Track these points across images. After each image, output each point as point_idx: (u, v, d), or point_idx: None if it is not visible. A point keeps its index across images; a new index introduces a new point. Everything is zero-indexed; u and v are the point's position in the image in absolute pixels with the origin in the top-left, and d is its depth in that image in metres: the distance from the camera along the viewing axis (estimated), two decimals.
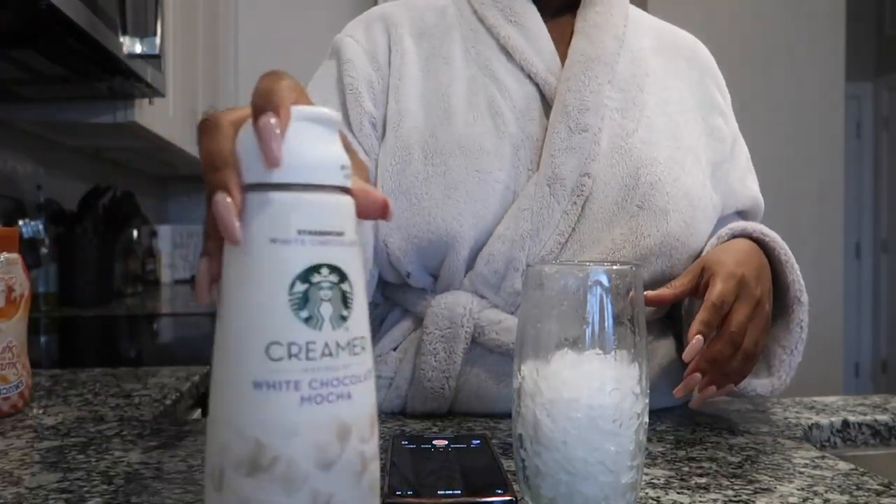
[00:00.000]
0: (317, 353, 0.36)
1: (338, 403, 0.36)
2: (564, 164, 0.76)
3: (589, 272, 0.46)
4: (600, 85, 0.79)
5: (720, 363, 0.68)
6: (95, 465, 0.62)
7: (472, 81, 0.81)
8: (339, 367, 0.37)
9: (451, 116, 0.78)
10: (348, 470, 0.37)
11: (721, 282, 0.69)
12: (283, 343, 0.36)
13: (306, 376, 0.36)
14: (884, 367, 5.23)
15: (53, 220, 2.10)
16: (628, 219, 0.77)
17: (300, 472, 0.35)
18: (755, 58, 3.49)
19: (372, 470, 0.39)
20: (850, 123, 5.03)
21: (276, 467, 0.35)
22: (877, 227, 5.31)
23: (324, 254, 0.37)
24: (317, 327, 0.36)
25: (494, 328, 0.75)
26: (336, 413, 0.36)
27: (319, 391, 0.36)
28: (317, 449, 0.36)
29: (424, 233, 0.76)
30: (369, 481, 0.38)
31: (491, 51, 0.82)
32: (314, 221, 0.36)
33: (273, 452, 0.35)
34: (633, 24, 0.87)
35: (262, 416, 0.35)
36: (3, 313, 0.80)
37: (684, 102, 0.85)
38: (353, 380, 0.37)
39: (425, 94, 0.80)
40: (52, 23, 1.26)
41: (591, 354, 0.46)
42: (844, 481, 0.58)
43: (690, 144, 0.83)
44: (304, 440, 0.35)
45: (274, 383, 0.35)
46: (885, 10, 5.21)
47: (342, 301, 0.37)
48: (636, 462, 0.47)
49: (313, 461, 0.36)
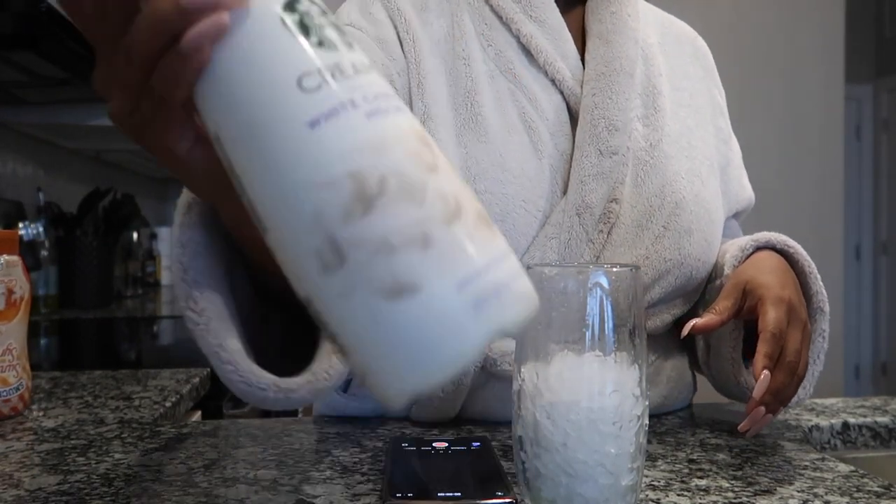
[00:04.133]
0: (349, 71, 0.32)
1: (398, 114, 0.33)
2: (595, 190, 0.72)
3: (589, 274, 0.46)
4: (627, 100, 0.74)
5: (781, 392, 0.66)
6: (95, 467, 0.62)
7: (496, 86, 0.74)
8: (376, 83, 0.33)
9: (486, 131, 0.72)
10: (448, 172, 0.32)
11: (773, 309, 0.66)
12: (311, 71, 0.31)
13: (356, 93, 0.32)
14: (884, 369, 5.23)
15: (53, 223, 2.10)
16: (653, 240, 0.73)
17: (415, 178, 0.31)
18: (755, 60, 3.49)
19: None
20: (850, 126, 5.03)
21: (389, 185, 0.30)
22: (877, 228, 5.31)
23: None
24: (332, 48, 0.32)
25: (507, 359, 0.71)
26: (405, 121, 0.32)
27: (376, 104, 0.32)
28: (413, 156, 0.31)
29: None
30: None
31: (512, 50, 0.75)
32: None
33: (376, 173, 0.30)
34: (642, 18, 0.82)
35: (340, 147, 0.31)
36: (3, 315, 0.80)
37: (694, 103, 0.82)
38: (393, 96, 0.33)
39: (451, 98, 0.73)
40: (52, 25, 1.26)
41: (591, 356, 0.46)
42: (844, 483, 0.58)
43: (704, 150, 0.80)
44: (394, 151, 0.31)
45: (329, 111, 0.31)
46: (885, 12, 5.22)
47: (336, 28, 0.34)
48: (636, 464, 0.47)
49: (418, 166, 0.31)
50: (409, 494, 0.49)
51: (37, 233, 1.96)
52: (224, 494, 0.55)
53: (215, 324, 0.45)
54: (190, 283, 0.46)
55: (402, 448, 0.59)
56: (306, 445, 0.68)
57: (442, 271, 0.30)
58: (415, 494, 0.49)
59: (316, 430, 0.74)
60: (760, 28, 3.52)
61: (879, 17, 5.24)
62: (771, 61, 3.52)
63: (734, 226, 0.91)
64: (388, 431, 0.73)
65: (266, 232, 0.33)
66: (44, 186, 2.17)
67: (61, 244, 2.08)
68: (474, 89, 0.73)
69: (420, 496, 0.49)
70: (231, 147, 0.33)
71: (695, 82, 0.84)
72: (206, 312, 0.45)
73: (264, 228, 0.33)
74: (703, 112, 0.83)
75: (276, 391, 0.45)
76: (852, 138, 5.17)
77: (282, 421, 0.79)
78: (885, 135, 5.25)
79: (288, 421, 0.78)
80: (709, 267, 0.78)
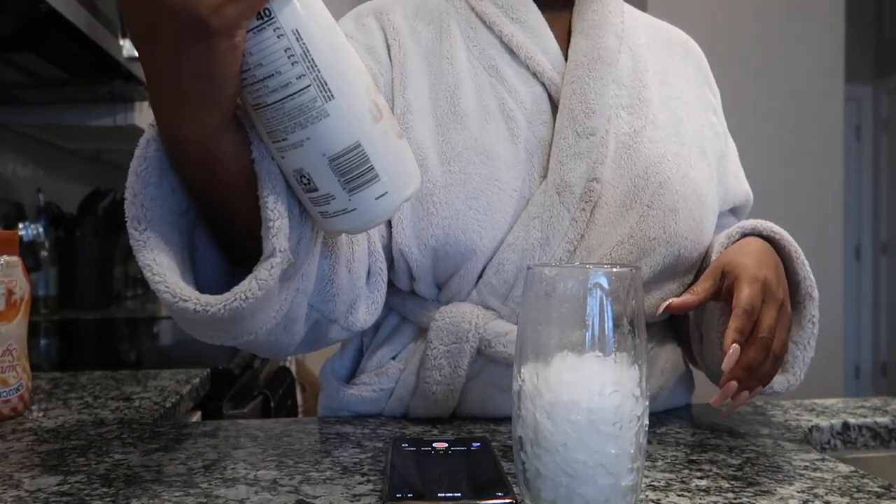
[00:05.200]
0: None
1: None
2: (573, 170, 0.75)
3: (589, 274, 0.46)
4: (605, 86, 0.78)
5: (754, 369, 0.67)
6: (95, 467, 0.62)
7: (478, 81, 0.79)
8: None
9: (463, 119, 0.76)
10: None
11: (747, 286, 0.68)
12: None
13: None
14: (884, 369, 5.23)
15: (53, 223, 2.10)
16: (637, 219, 0.75)
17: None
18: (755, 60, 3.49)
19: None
20: (850, 126, 5.04)
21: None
22: (876, 229, 5.31)
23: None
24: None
25: (501, 340, 0.74)
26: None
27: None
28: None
29: (442, 244, 0.74)
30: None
31: (494, 49, 0.80)
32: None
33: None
34: (630, 21, 0.86)
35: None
36: (3, 316, 0.80)
37: (685, 97, 0.85)
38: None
39: (433, 94, 0.78)
40: (52, 26, 1.26)
41: (591, 357, 0.46)
42: (844, 483, 0.58)
43: (695, 139, 0.82)
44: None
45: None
46: (885, 12, 5.22)
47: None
48: (636, 464, 0.47)
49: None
50: (409, 495, 0.49)
51: (37, 233, 1.96)
52: (224, 495, 0.55)
53: (153, 241, 0.52)
54: (137, 206, 0.52)
55: (402, 448, 0.59)
56: (306, 446, 0.68)
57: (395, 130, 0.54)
58: (415, 495, 0.49)
59: (316, 430, 0.74)
60: (760, 29, 3.53)
61: (879, 18, 5.24)
62: (771, 62, 3.53)
63: (734, 223, 0.91)
64: (389, 432, 0.73)
65: (330, 99, 0.49)
66: (44, 187, 2.17)
67: (61, 245, 2.08)
68: (456, 84, 0.78)
69: (420, 497, 0.49)
70: (312, 40, 0.48)
71: (685, 80, 0.87)
72: (147, 232, 0.52)
73: (331, 96, 0.49)
74: (693, 106, 0.86)
75: (196, 303, 0.51)
76: (852, 138, 5.18)
77: (282, 421, 0.79)
78: (885, 135, 5.25)
79: (288, 421, 0.78)
80: (699, 247, 0.79)
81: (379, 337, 0.82)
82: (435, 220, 0.73)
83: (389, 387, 0.78)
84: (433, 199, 0.74)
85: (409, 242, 0.74)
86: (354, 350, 0.85)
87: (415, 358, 0.77)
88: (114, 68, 1.55)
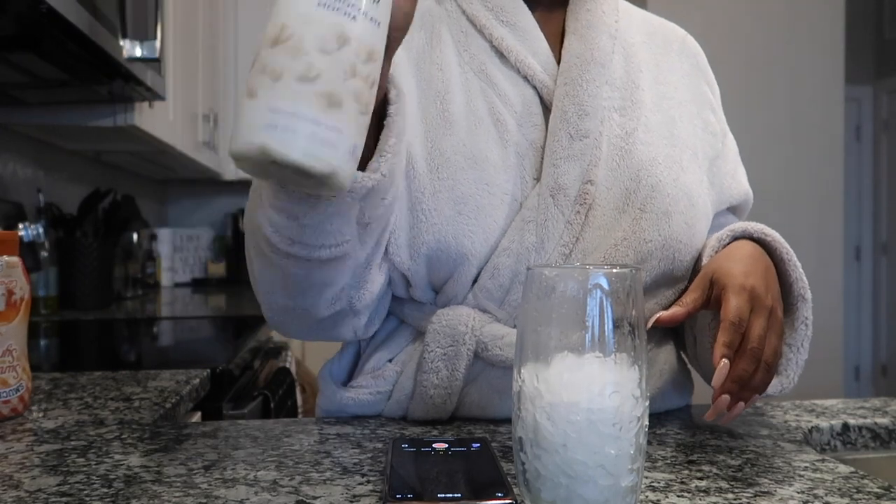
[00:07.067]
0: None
1: (344, 19, 0.50)
2: (567, 172, 0.75)
3: (589, 275, 0.46)
4: (598, 87, 0.78)
5: (746, 381, 0.66)
6: (95, 468, 0.62)
7: (468, 87, 0.79)
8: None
9: (452, 125, 0.76)
10: (339, 66, 0.50)
11: (734, 297, 0.67)
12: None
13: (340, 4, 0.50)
14: (884, 370, 5.23)
15: (53, 224, 2.10)
16: (630, 222, 0.75)
17: (304, 47, 0.49)
18: (755, 61, 3.50)
19: (359, 87, 0.51)
20: (850, 126, 5.04)
21: (290, 41, 0.49)
22: (876, 229, 5.31)
23: None
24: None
25: (498, 343, 0.74)
26: (341, 24, 0.50)
27: (333, 4, 0.50)
28: (319, 38, 0.49)
29: (434, 251, 0.73)
30: (354, 90, 0.51)
31: (485, 53, 0.80)
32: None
33: (289, 31, 0.50)
34: (625, 19, 0.85)
35: (288, 8, 0.50)
36: (3, 317, 0.80)
37: (678, 97, 0.84)
38: (358, 9, 0.50)
39: (421, 101, 0.78)
40: (52, 26, 1.26)
41: (590, 358, 0.46)
42: (844, 484, 0.58)
43: (687, 140, 0.82)
44: (313, 28, 0.49)
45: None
46: (885, 13, 5.22)
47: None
48: (636, 465, 0.47)
49: (315, 45, 0.49)
50: (409, 495, 0.49)
51: (37, 234, 1.96)
52: (224, 495, 0.55)
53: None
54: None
55: (402, 449, 0.59)
56: (306, 446, 0.68)
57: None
58: (415, 496, 0.49)
59: (316, 431, 0.74)
60: (761, 29, 3.53)
61: (879, 18, 5.24)
62: (771, 62, 3.53)
63: (732, 221, 0.90)
64: (388, 432, 0.73)
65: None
66: (44, 188, 2.17)
67: (61, 245, 2.09)
68: (445, 90, 0.78)
69: (420, 497, 0.49)
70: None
71: (681, 77, 0.87)
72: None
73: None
74: (688, 105, 0.85)
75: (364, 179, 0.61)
76: (852, 139, 5.18)
77: (282, 422, 0.79)
78: (885, 135, 5.25)
79: (288, 422, 0.78)
80: (693, 251, 0.79)
81: (376, 339, 0.82)
82: (425, 227, 0.73)
83: (386, 389, 0.78)
84: (422, 206, 0.73)
85: (401, 252, 0.74)
86: (352, 353, 0.85)
87: (412, 361, 0.77)
88: (114, 69, 1.55)
